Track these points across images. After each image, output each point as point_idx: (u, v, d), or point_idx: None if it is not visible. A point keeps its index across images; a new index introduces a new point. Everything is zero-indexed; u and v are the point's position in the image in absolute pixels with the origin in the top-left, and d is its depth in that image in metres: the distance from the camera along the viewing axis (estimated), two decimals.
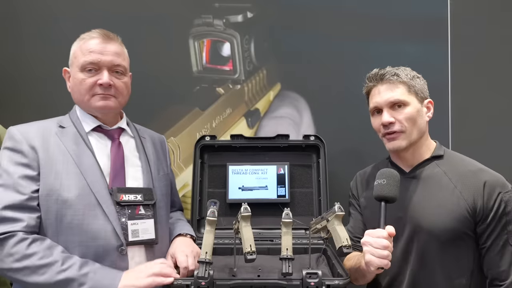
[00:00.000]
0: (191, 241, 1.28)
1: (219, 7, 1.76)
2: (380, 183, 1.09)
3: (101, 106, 1.15)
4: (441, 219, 1.13)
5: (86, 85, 1.14)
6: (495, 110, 1.72)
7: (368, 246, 1.03)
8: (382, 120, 1.20)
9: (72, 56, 1.18)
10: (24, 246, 0.99)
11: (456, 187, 1.15)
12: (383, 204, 1.07)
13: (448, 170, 1.19)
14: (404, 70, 1.23)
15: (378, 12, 1.74)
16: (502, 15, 1.74)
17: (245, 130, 1.76)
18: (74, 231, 1.06)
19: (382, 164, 1.33)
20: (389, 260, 1.01)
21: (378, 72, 1.24)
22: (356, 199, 1.38)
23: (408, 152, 1.23)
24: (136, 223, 1.13)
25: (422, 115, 1.21)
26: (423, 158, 1.23)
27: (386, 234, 1.01)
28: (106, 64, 1.14)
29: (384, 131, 1.22)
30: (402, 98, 1.19)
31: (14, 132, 1.11)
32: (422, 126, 1.21)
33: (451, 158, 1.23)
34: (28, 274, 0.98)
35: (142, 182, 1.20)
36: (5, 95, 1.72)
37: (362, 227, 1.33)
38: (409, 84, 1.20)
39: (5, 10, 1.73)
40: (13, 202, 1.02)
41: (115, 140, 1.21)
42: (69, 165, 1.10)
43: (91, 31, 1.18)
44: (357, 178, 1.41)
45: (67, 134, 1.15)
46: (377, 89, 1.23)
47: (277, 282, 1.04)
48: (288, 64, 1.76)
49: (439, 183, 1.18)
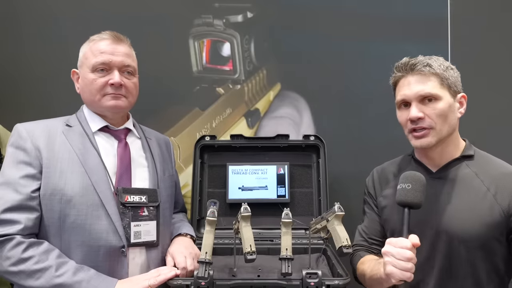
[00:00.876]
0: (191, 241, 1.28)
1: (219, 7, 1.76)
2: (405, 188, 1.00)
3: (112, 105, 1.16)
4: (471, 224, 1.05)
5: (97, 85, 1.14)
6: (495, 110, 1.72)
7: (390, 257, 0.95)
8: (410, 115, 1.10)
9: (83, 57, 1.18)
10: (20, 250, 0.99)
11: (489, 190, 1.07)
12: (407, 211, 0.99)
13: (480, 172, 1.11)
14: (437, 60, 1.12)
15: (378, 12, 1.74)
16: (502, 15, 1.74)
17: (245, 130, 1.76)
18: (77, 231, 1.06)
19: (404, 161, 1.25)
20: (412, 272, 0.93)
21: (408, 62, 1.13)
22: (372, 198, 1.30)
23: (436, 150, 1.13)
24: (139, 225, 1.13)
25: (454, 111, 1.12)
26: (452, 157, 1.14)
27: (410, 245, 0.94)
28: (116, 65, 1.15)
29: (411, 127, 1.11)
30: (434, 92, 1.08)
31: (20, 130, 1.12)
32: (453, 123, 1.11)
33: (482, 159, 1.15)
34: (24, 278, 0.99)
35: (148, 182, 1.21)
36: (5, 95, 1.72)
37: (379, 228, 1.26)
38: (442, 76, 1.09)
39: (5, 10, 1.74)
40: (11, 203, 1.02)
41: (122, 140, 1.21)
42: (74, 164, 1.10)
43: (101, 33, 1.19)
44: (373, 175, 1.32)
45: (73, 133, 1.15)
46: (406, 80, 1.12)
47: (277, 282, 1.04)
48: (288, 64, 1.76)
49: (469, 185, 1.10)
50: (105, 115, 1.20)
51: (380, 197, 1.26)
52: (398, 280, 0.95)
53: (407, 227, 0.98)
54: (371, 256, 1.21)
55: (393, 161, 1.31)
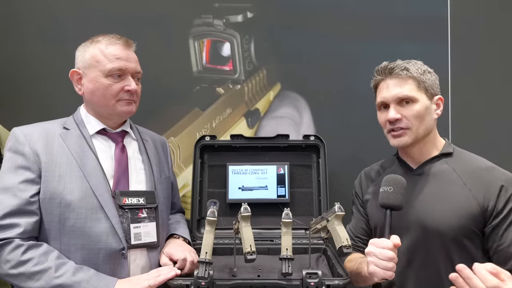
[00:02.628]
0: (184, 243, 1.27)
1: (219, 7, 1.76)
2: (386, 191, 1.05)
3: (126, 111, 1.18)
4: (448, 216, 1.10)
5: (113, 90, 1.15)
6: (495, 109, 1.72)
7: (373, 256, 1.00)
8: (388, 117, 1.16)
9: (92, 59, 1.15)
10: (19, 252, 1.00)
11: (465, 185, 1.12)
12: (388, 213, 1.04)
13: (458, 168, 1.16)
14: (415, 64, 1.18)
15: (378, 12, 1.74)
16: (502, 15, 1.73)
17: (245, 130, 1.76)
18: (77, 234, 1.06)
19: (389, 161, 1.31)
20: (393, 271, 0.98)
21: (387, 66, 1.19)
22: (359, 198, 1.36)
23: (415, 148, 1.20)
24: (138, 226, 1.13)
25: (431, 113, 1.17)
26: (431, 155, 1.20)
27: (392, 245, 0.98)
28: (131, 71, 1.17)
29: (389, 127, 1.18)
30: (411, 95, 1.14)
31: (17, 134, 1.11)
32: (429, 124, 1.17)
33: (461, 156, 1.20)
34: (24, 280, 0.99)
35: (145, 185, 1.21)
36: (6, 95, 1.72)
37: (364, 227, 1.32)
38: (419, 79, 1.15)
39: (5, 10, 1.73)
40: (10, 208, 1.02)
41: (119, 143, 1.21)
42: (73, 168, 1.10)
43: (110, 36, 1.18)
44: (361, 176, 1.38)
45: (71, 136, 1.15)
46: (385, 83, 1.19)
47: (277, 282, 1.04)
48: (288, 64, 1.76)
49: (447, 180, 1.15)
50: (110, 119, 1.20)
51: (366, 194, 1.32)
52: (380, 278, 1.00)
53: (389, 228, 1.03)
54: (357, 254, 1.26)
55: (378, 163, 1.37)
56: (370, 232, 1.31)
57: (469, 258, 1.09)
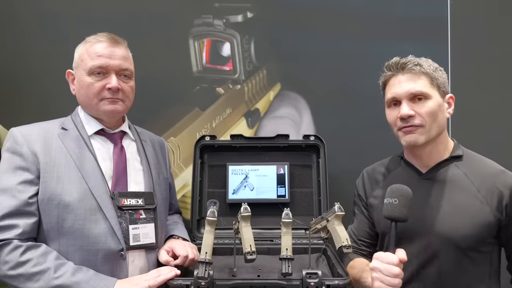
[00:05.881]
0: (185, 241, 1.27)
1: (219, 7, 1.76)
2: (391, 203, 1.00)
3: (110, 110, 1.15)
4: (463, 226, 1.06)
5: (94, 89, 1.13)
6: (495, 110, 1.72)
7: (378, 272, 0.96)
8: (400, 113, 1.10)
9: (78, 59, 1.16)
10: (18, 253, 0.99)
11: (479, 191, 1.08)
12: (394, 225, 0.99)
13: (469, 172, 1.11)
14: (426, 61, 1.14)
15: (378, 12, 1.74)
16: (502, 15, 1.73)
17: (245, 130, 1.76)
18: (75, 235, 1.06)
19: (393, 161, 1.26)
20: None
21: (399, 61, 1.14)
22: (362, 200, 1.31)
23: (425, 150, 1.14)
24: (137, 228, 1.13)
25: (443, 111, 1.13)
26: (441, 158, 1.15)
27: (397, 261, 0.95)
28: (114, 68, 1.14)
29: (401, 125, 1.11)
30: (425, 90, 1.09)
31: (15, 134, 1.11)
32: (442, 123, 1.12)
33: (471, 159, 1.16)
34: (23, 281, 0.99)
35: (144, 186, 1.20)
36: (5, 95, 1.72)
37: (367, 230, 1.29)
38: (432, 76, 1.11)
39: (5, 10, 1.73)
40: (9, 209, 1.02)
41: (118, 144, 1.21)
42: (71, 169, 1.09)
43: (98, 34, 1.17)
44: (364, 176, 1.33)
45: (69, 137, 1.14)
46: (397, 78, 1.13)
47: (277, 282, 1.04)
48: (288, 64, 1.76)
49: (460, 187, 1.10)
50: (101, 119, 1.19)
51: (371, 197, 1.28)
52: None
53: (394, 241, 0.98)
54: (360, 259, 1.22)
55: (381, 162, 1.32)
56: (375, 235, 1.28)
57: (485, 266, 1.07)
